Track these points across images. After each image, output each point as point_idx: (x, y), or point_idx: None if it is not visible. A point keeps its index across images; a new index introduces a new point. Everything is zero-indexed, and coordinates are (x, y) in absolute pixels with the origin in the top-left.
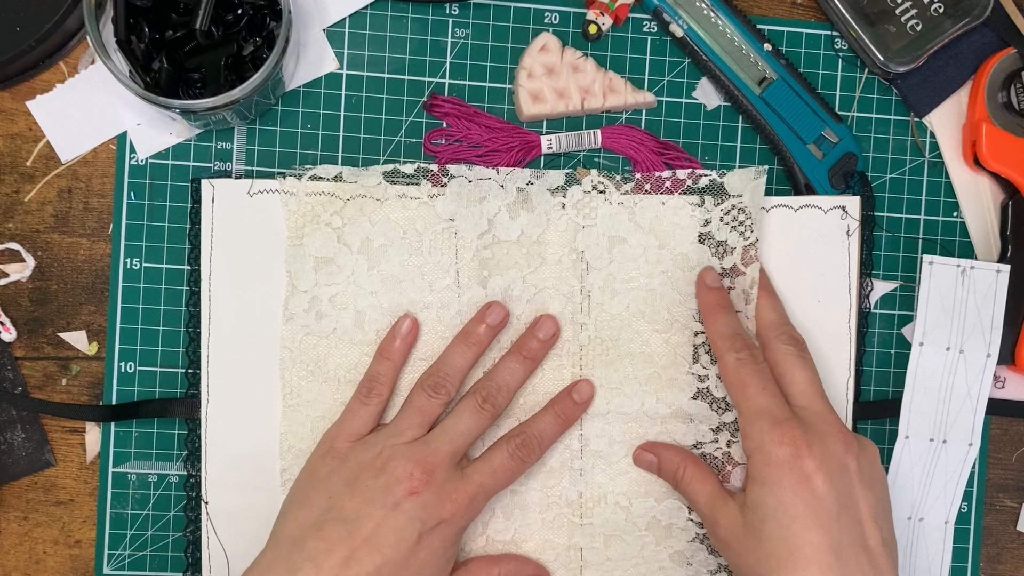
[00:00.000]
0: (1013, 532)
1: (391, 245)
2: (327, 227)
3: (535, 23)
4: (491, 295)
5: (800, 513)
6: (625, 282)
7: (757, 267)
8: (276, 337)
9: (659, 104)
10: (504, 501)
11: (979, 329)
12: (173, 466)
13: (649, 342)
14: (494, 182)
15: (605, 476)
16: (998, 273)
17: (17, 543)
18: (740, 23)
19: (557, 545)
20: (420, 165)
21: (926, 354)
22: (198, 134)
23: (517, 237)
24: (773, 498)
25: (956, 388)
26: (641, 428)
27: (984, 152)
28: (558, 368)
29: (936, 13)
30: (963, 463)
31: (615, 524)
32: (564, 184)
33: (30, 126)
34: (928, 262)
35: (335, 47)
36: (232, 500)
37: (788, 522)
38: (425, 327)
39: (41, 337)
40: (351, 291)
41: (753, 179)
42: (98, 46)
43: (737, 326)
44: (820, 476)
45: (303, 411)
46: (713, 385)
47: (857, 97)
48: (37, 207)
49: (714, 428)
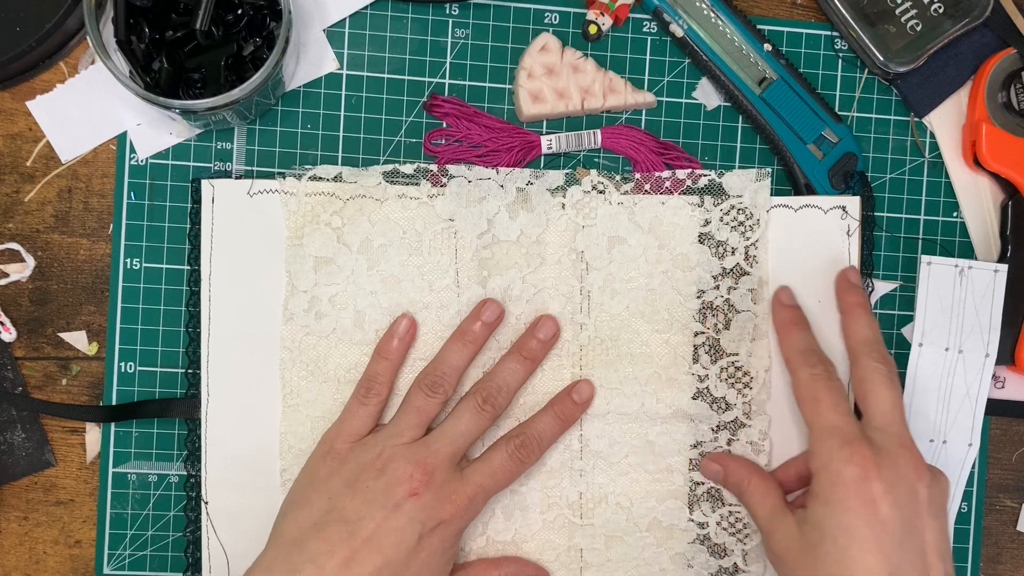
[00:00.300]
0: (1013, 532)
1: (391, 245)
2: (327, 227)
3: (535, 23)
4: (490, 295)
5: (861, 536)
6: (625, 282)
7: (764, 268)
8: (276, 337)
9: (659, 104)
10: (504, 501)
11: (977, 329)
12: (173, 466)
13: (649, 342)
14: (494, 182)
15: (606, 476)
16: (995, 273)
17: (17, 543)
18: (740, 23)
19: (557, 546)
20: (420, 165)
21: (925, 355)
22: (198, 134)
23: (517, 237)
24: (835, 519)
25: (955, 389)
26: (641, 428)
27: (984, 152)
28: (558, 368)
29: (936, 13)
30: (963, 463)
31: (616, 525)
32: (564, 184)
33: (30, 126)
34: (926, 262)
35: (335, 47)
36: (232, 500)
37: (847, 544)
38: (424, 327)
39: (41, 337)
40: (351, 291)
41: (755, 181)
42: (98, 46)
43: (813, 342)
44: (887, 500)
45: (303, 411)
46: (713, 385)
47: (857, 97)
48: (37, 207)
49: (714, 428)
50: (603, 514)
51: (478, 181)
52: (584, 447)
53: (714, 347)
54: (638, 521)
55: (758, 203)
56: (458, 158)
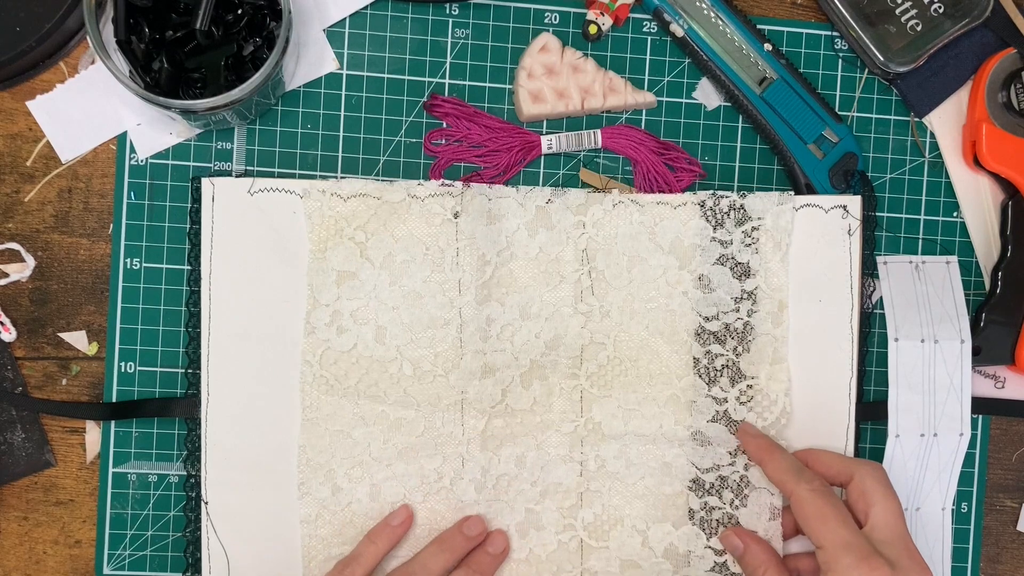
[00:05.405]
0: (1013, 532)
1: (413, 261)
2: (350, 241)
3: (535, 23)
4: (509, 312)
5: None
6: (644, 302)
7: (785, 291)
8: (277, 336)
9: (659, 104)
10: (519, 520)
11: (947, 318)
12: (173, 466)
13: (668, 363)
14: (514, 200)
15: (622, 499)
16: (948, 264)
17: (17, 543)
18: (740, 23)
19: (571, 567)
20: (444, 182)
21: (903, 349)
22: (198, 134)
23: (536, 255)
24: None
25: (938, 380)
26: (658, 450)
27: (984, 152)
28: (574, 388)
29: (936, 13)
30: (956, 453)
31: (631, 549)
32: (584, 203)
33: (30, 126)
34: (883, 262)
35: (335, 47)
36: (232, 500)
37: None
38: (445, 343)
39: (41, 337)
40: (373, 306)
41: (778, 204)
42: (98, 46)
43: (795, 461)
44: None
45: (322, 425)
46: (732, 408)
47: (857, 97)
48: (37, 207)
49: (731, 451)
50: (619, 537)
51: (498, 199)
52: (600, 468)
53: (733, 370)
54: (654, 546)
55: (781, 225)
56: (458, 158)
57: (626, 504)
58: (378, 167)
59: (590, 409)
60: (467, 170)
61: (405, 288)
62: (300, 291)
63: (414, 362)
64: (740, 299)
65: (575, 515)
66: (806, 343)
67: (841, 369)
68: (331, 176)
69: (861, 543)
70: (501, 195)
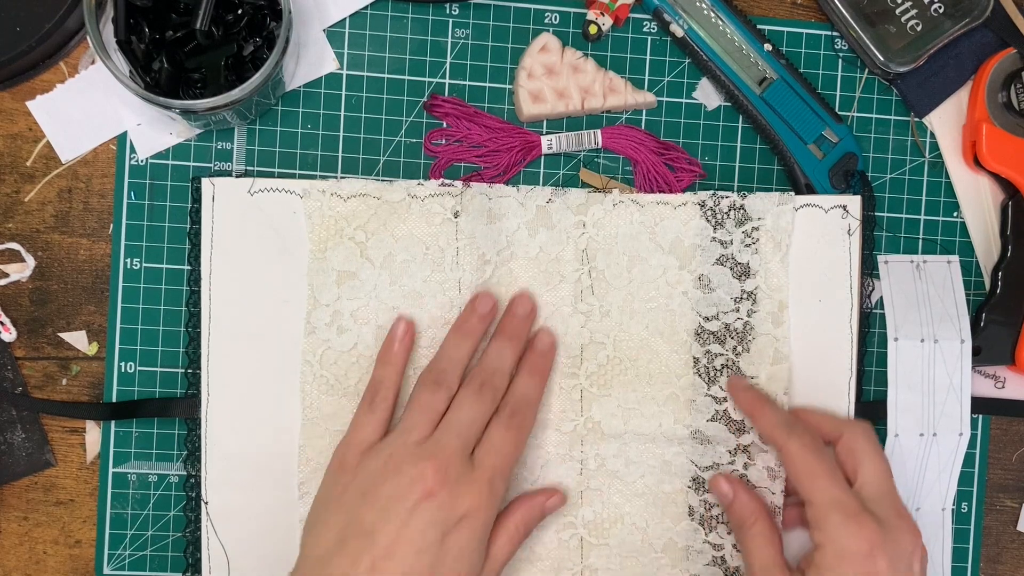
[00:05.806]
0: (1013, 532)
1: (413, 261)
2: (351, 241)
3: (535, 23)
4: None
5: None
6: (644, 302)
7: (785, 291)
8: (277, 336)
9: (659, 104)
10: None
11: (947, 317)
12: (173, 466)
13: (668, 363)
14: (514, 200)
15: (622, 497)
16: (949, 264)
17: (17, 543)
18: (740, 23)
19: (572, 565)
20: (444, 182)
21: (903, 348)
22: (198, 134)
23: (536, 254)
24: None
25: (938, 380)
26: (658, 448)
27: (984, 152)
28: (574, 388)
29: (936, 13)
30: (955, 452)
31: (631, 545)
32: (584, 203)
33: (30, 126)
34: (883, 261)
35: (335, 47)
36: (232, 500)
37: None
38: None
39: (41, 337)
40: (373, 306)
41: (778, 205)
42: (98, 46)
43: (787, 415)
44: None
45: (322, 424)
46: (731, 407)
47: (857, 97)
48: (37, 207)
49: (731, 450)
50: (619, 534)
51: (499, 199)
52: (600, 466)
53: (733, 369)
54: (654, 542)
55: (781, 226)
56: (458, 158)
57: (626, 502)
58: (378, 167)
59: (590, 408)
60: (467, 170)
61: (405, 288)
62: (300, 291)
63: (414, 362)
64: (740, 299)
65: (575, 513)
66: (806, 343)
67: (841, 369)
68: (331, 176)
69: (850, 500)
70: (501, 194)
